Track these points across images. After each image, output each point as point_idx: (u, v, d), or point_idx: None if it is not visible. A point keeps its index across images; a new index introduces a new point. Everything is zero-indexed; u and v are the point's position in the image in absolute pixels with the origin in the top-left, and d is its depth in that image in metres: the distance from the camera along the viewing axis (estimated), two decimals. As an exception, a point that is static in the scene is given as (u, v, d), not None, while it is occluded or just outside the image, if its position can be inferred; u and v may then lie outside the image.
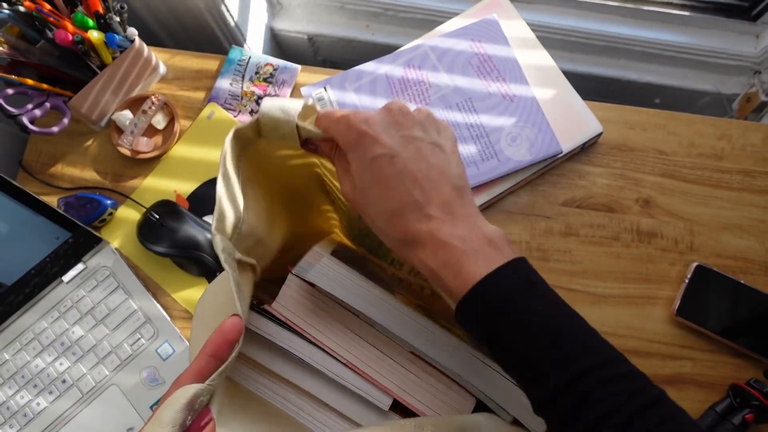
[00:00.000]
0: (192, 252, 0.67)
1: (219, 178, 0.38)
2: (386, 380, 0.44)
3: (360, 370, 0.43)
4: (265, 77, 0.75)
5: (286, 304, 0.45)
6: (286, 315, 0.45)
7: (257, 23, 0.93)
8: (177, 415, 0.31)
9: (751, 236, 0.68)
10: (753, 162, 0.70)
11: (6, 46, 0.66)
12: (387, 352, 0.44)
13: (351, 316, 0.45)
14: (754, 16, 0.83)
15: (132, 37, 0.72)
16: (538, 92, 0.69)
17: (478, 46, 0.71)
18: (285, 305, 0.45)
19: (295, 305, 0.45)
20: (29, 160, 0.75)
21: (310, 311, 0.45)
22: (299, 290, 0.45)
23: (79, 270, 0.69)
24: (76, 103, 0.70)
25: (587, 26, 0.87)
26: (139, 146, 0.72)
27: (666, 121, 0.72)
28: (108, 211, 0.70)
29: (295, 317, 0.45)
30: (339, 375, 0.43)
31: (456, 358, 0.43)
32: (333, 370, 0.44)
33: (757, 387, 0.59)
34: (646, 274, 0.67)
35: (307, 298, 0.45)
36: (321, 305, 0.45)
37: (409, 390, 0.44)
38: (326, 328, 0.44)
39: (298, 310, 0.45)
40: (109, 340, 0.67)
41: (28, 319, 0.68)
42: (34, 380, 0.66)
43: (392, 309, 0.44)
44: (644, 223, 0.69)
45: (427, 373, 0.44)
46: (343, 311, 0.45)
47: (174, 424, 0.30)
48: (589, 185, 0.70)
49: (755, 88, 0.85)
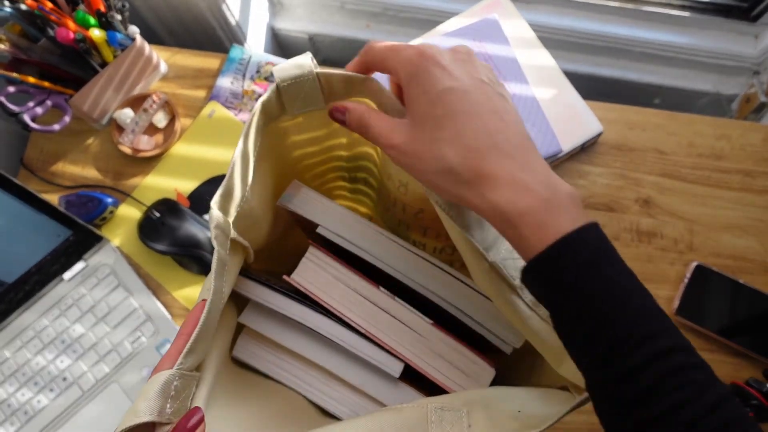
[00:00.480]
0: (193, 250, 0.68)
1: (237, 154, 0.37)
2: (404, 349, 0.44)
3: (375, 337, 0.44)
4: (266, 76, 0.75)
5: (305, 276, 0.45)
6: (305, 285, 0.45)
7: (258, 22, 0.93)
8: (151, 403, 0.30)
9: (750, 236, 0.68)
10: (752, 162, 0.70)
11: (8, 44, 0.67)
12: (406, 321, 0.44)
13: (371, 287, 0.45)
14: (754, 16, 0.83)
15: (133, 36, 0.72)
16: (538, 92, 0.69)
17: (479, 46, 0.71)
18: (304, 276, 0.45)
19: (314, 276, 0.45)
20: (30, 158, 0.75)
21: (329, 283, 0.45)
22: (320, 262, 0.45)
23: (80, 268, 0.69)
24: (78, 101, 0.70)
25: (587, 26, 0.87)
26: (140, 144, 0.72)
27: (666, 121, 0.72)
28: (109, 209, 0.70)
29: (314, 288, 0.45)
30: (351, 344, 0.43)
31: (452, 289, 0.44)
32: (347, 339, 0.44)
33: (757, 386, 0.59)
34: (646, 273, 0.67)
35: (328, 271, 0.45)
36: (342, 278, 0.45)
37: (427, 359, 0.44)
38: (345, 299, 0.45)
39: (317, 280, 0.45)
40: (109, 338, 0.67)
41: (28, 317, 0.68)
42: (35, 378, 0.66)
43: (377, 235, 0.44)
44: (644, 223, 0.69)
45: (446, 345, 0.44)
46: (363, 283, 0.45)
47: (151, 413, 0.30)
48: (589, 185, 0.70)
49: (754, 88, 0.86)
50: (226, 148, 0.73)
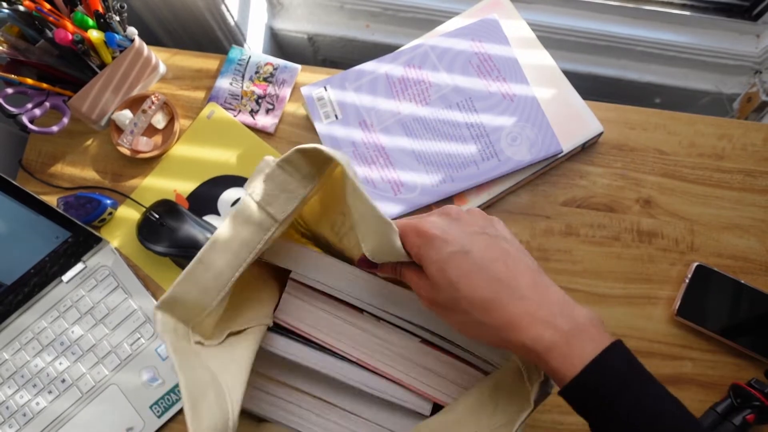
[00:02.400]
0: (192, 251, 0.67)
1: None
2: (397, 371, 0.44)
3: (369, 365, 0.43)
4: (265, 77, 0.75)
5: (289, 311, 0.45)
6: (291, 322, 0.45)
7: (257, 23, 0.93)
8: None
9: (751, 236, 0.68)
10: (754, 162, 0.70)
11: (6, 45, 0.66)
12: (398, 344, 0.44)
13: (355, 313, 0.45)
14: (755, 15, 0.83)
15: (132, 37, 0.72)
16: (538, 92, 0.69)
17: (479, 46, 0.71)
18: (288, 312, 0.45)
19: (297, 311, 0.45)
20: (29, 159, 0.75)
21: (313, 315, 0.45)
22: (301, 295, 0.45)
23: (79, 269, 0.69)
24: (76, 103, 0.70)
25: (587, 26, 0.87)
26: (138, 146, 0.72)
27: (666, 121, 0.72)
28: (108, 211, 0.70)
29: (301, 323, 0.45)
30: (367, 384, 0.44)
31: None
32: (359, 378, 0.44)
33: (758, 387, 0.59)
34: (647, 274, 0.67)
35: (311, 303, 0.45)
36: (325, 309, 0.45)
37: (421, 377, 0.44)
38: (332, 330, 0.45)
39: (300, 314, 0.45)
40: (108, 339, 0.67)
41: (27, 319, 0.68)
42: (34, 380, 0.66)
43: (350, 274, 0.45)
44: (645, 223, 0.68)
45: (438, 360, 0.44)
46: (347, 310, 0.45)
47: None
48: (589, 185, 0.70)
49: (756, 87, 0.85)
50: (225, 149, 0.73)
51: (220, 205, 0.72)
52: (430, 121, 0.69)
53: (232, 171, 0.72)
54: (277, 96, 0.74)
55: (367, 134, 0.69)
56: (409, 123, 0.69)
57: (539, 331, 0.36)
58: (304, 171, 0.41)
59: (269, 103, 0.74)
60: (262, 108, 0.74)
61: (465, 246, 0.38)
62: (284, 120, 0.74)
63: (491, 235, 0.40)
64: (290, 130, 0.74)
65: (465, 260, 0.38)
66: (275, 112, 0.74)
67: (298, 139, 0.74)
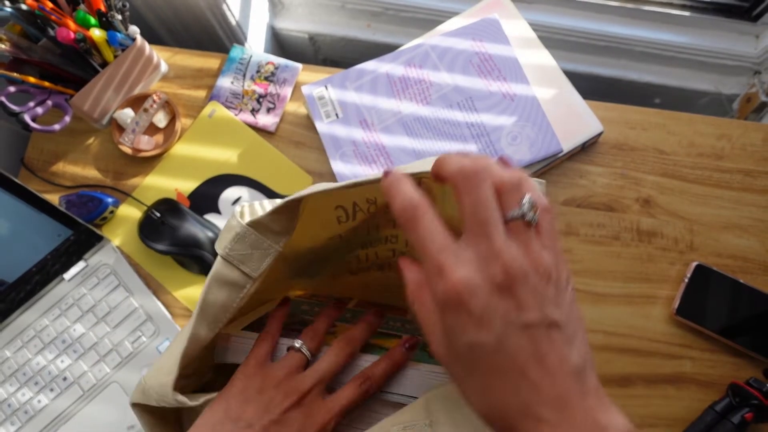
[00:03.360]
0: (193, 250, 0.68)
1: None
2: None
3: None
4: (266, 76, 0.75)
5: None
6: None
7: (258, 22, 0.93)
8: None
9: (751, 236, 0.68)
10: (753, 162, 0.70)
11: (8, 43, 0.67)
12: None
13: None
14: (755, 16, 0.83)
15: (134, 36, 0.72)
16: (538, 91, 0.69)
17: (479, 46, 0.71)
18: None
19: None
20: (31, 158, 0.75)
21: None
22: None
23: (81, 268, 0.69)
24: (78, 101, 0.70)
25: (588, 26, 0.87)
26: (140, 144, 0.73)
27: (666, 121, 0.72)
28: (109, 209, 0.70)
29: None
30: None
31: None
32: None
33: (757, 386, 0.59)
34: (646, 273, 0.67)
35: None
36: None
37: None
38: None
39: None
40: (110, 337, 0.67)
41: (29, 317, 0.68)
42: (35, 378, 0.66)
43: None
44: (644, 223, 0.69)
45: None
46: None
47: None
48: (589, 184, 0.70)
49: (755, 88, 0.86)
50: (226, 148, 0.73)
51: (221, 203, 0.72)
52: (430, 120, 0.69)
53: (233, 170, 0.73)
54: (278, 95, 0.74)
55: (367, 133, 0.70)
56: (409, 122, 0.69)
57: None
58: (277, 229, 0.39)
59: (270, 102, 0.74)
60: (263, 107, 0.74)
61: (500, 341, 0.28)
62: (285, 119, 0.74)
63: (544, 326, 0.29)
64: (291, 129, 0.74)
65: (489, 357, 0.29)
66: (276, 111, 0.74)
67: (299, 138, 0.74)
